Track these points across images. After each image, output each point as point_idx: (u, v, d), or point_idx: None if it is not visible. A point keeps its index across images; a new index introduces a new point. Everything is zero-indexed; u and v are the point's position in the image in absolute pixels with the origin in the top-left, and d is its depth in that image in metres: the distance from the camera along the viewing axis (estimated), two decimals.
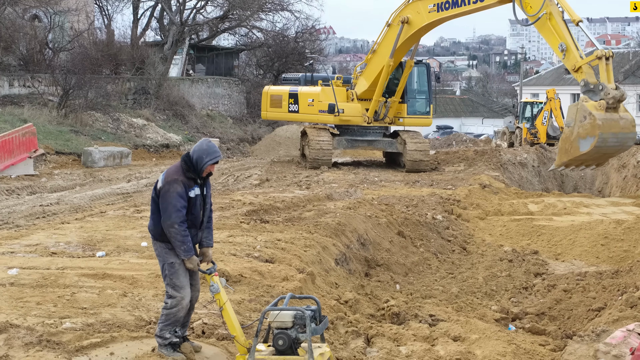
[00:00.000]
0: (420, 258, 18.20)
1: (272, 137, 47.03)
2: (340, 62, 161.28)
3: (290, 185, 26.48)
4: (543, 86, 76.14)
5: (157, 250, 9.09)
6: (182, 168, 8.89)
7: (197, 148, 8.98)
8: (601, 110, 24.63)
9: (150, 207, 9.15)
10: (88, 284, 11.82)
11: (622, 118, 25.09)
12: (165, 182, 8.83)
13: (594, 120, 24.20)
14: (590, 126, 24.50)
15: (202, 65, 60.21)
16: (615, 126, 25.02)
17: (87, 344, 9.08)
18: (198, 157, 8.89)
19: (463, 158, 35.91)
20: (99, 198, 23.32)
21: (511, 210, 23.40)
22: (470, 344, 11.30)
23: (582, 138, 24.57)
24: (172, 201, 8.70)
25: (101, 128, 39.69)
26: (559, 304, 14.24)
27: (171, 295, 8.92)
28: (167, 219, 8.72)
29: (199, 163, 8.88)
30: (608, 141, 24.43)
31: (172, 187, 8.75)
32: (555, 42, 26.30)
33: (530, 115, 50.23)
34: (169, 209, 8.71)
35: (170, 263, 8.92)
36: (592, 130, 24.51)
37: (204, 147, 8.97)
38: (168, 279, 8.96)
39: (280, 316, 8.97)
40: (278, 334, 8.99)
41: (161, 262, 9.04)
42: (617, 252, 18.72)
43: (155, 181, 9.09)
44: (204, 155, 8.89)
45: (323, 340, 9.44)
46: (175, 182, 8.78)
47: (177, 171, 8.89)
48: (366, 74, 33.44)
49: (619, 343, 6.96)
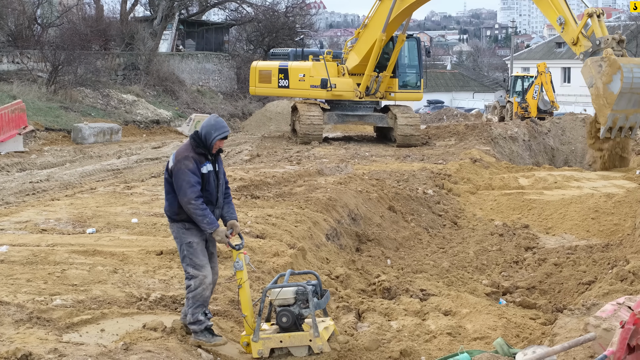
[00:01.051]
0: (411, 233, 18.20)
1: (262, 113, 46.93)
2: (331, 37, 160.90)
3: (281, 161, 26.45)
4: (534, 60, 76.09)
5: (174, 232, 9.01)
6: (192, 145, 8.85)
7: (205, 124, 8.92)
8: (611, 55, 24.76)
9: (164, 189, 9.07)
10: (78, 261, 11.79)
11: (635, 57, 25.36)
12: (176, 160, 8.78)
13: (610, 59, 24.30)
14: (610, 66, 24.61)
15: (192, 40, 59.93)
16: (632, 60, 25.17)
17: (77, 321, 9.07)
18: (207, 132, 8.83)
19: (454, 132, 35.91)
20: (89, 174, 23.26)
21: (502, 184, 23.40)
22: (461, 318, 11.33)
23: (609, 82, 24.66)
24: (186, 177, 8.66)
25: (91, 104, 39.53)
26: (549, 278, 14.26)
27: (193, 275, 8.82)
28: (184, 196, 8.66)
29: (208, 138, 8.83)
30: (634, 71, 24.54)
31: (183, 164, 8.71)
32: (553, 16, 26.36)
33: (521, 90, 50.21)
34: (184, 185, 8.66)
35: (188, 242, 8.84)
36: (614, 68, 24.61)
37: (212, 122, 8.91)
38: (187, 259, 8.86)
39: (282, 293, 8.99)
40: (281, 311, 9.01)
41: (179, 244, 8.95)
42: (607, 226, 18.75)
43: (167, 162, 9.03)
44: (213, 130, 8.82)
45: (326, 314, 9.48)
46: (186, 159, 8.74)
47: (187, 149, 8.86)
48: (357, 48, 33.37)
49: (609, 316, 6.96)
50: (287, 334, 9.02)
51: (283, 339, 9.00)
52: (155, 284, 11.03)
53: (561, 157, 36.50)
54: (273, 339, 8.99)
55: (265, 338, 8.98)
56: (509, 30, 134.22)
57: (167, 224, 14.42)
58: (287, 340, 9.01)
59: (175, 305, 10.18)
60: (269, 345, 8.98)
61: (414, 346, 9.82)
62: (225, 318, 10.06)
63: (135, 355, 7.78)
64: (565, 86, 76.88)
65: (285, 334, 9.02)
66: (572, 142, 36.90)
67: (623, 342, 6.11)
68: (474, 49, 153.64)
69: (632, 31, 79.32)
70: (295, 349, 9.05)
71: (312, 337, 9.00)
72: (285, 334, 9.02)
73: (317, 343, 9.00)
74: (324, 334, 9.04)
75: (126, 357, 7.78)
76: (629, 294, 9.98)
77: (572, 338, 7.67)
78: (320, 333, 8.97)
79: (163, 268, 11.80)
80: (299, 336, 9.03)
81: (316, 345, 9.00)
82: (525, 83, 50.48)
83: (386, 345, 9.58)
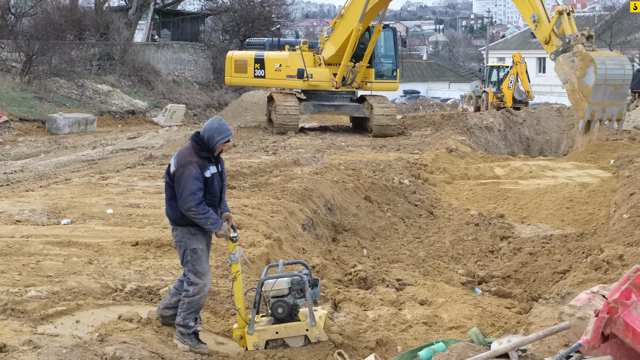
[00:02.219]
0: (387, 223, 18.23)
1: (238, 103, 46.81)
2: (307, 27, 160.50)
3: (257, 151, 26.41)
4: (509, 50, 76.38)
5: (177, 236, 8.85)
6: (195, 149, 8.69)
7: (208, 127, 8.75)
8: (583, 50, 25.01)
9: (165, 194, 8.94)
10: (53, 252, 11.74)
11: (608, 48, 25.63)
12: (179, 165, 8.62)
13: (582, 54, 24.53)
14: (582, 60, 24.86)
15: (168, 30, 59.64)
16: (603, 53, 25.44)
17: (52, 312, 9.03)
18: (209, 136, 8.68)
19: (430, 122, 35.96)
20: (63, 165, 23.13)
21: (477, 174, 23.48)
22: (436, 308, 11.37)
23: (583, 76, 24.91)
24: (188, 184, 8.51)
25: (65, 94, 39.28)
26: (524, 267, 14.33)
27: (193, 282, 8.73)
28: (184, 203, 8.54)
29: (211, 142, 8.69)
30: (606, 63, 24.80)
31: (186, 169, 8.55)
32: (527, 13, 26.56)
33: (497, 80, 50.40)
34: (185, 192, 8.52)
35: (193, 249, 8.74)
36: (586, 62, 24.86)
37: (215, 125, 8.74)
38: (190, 265, 8.76)
39: (277, 284, 8.95)
40: (276, 302, 8.97)
41: (182, 248, 8.81)
42: (582, 215, 18.85)
43: (167, 165, 8.88)
44: (216, 134, 8.68)
45: (316, 303, 9.44)
46: (189, 164, 8.58)
47: (190, 152, 8.68)
48: (334, 38, 33.34)
49: (583, 305, 6.99)
50: (283, 325, 8.98)
51: (279, 330, 8.96)
52: (130, 274, 11.00)
53: (536, 146, 36.66)
54: (269, 331, 8.95)
55: (261, 330, 8.94)
56: (485, 21, 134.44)
57: (143, 215, 14.48)
58: (284, 331, 8.97)
59: (151, 297, 10.15)
60: (265, 337, 8.94)
61: (390, 336, 9.84)
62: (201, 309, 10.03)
63: (111, 347, 7.75)
64: (541, 76, 77.18)
65: (281, 325, 8.98)
66: (547, 132, 37.06)
67: (597, 331, 6.14)
68: (450, 39, 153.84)
69: (606, 21, 79.77)
70: (291, 339, 9.02)
71: (308, 327, 8.97)
72: (281, 325, 8.98)
73: (314, 332, 8.98)
74: (319, 322, 9.04)
75: (101, 349, 7.75)
76: (603, 282, 10.03)
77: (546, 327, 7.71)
78: (317, 322, 8.97)
79: (138, 259, 11.77)
80: (295, 326, 8.99)
81: (313, 335, 8.99)
82: (500, 73, 50.67)
83: (362, 335, 9.59)
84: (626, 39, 73.87)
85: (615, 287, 6.28)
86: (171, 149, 27.16)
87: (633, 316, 6.08)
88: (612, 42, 73.66)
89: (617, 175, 21.82)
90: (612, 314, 6.13)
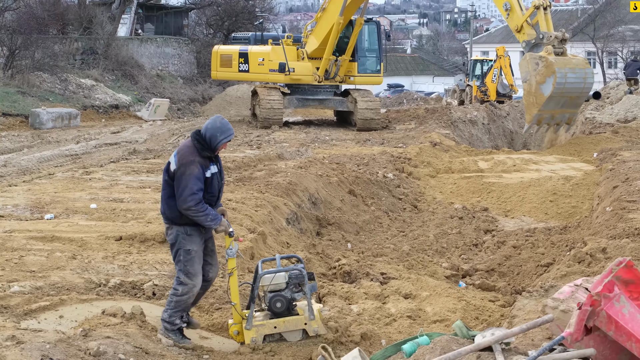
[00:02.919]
0: (372, 216, 18.24)
1: (222, 97, 46.74)
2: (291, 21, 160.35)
3: (241, 145, 26.38)
4: (493, 44, 76.41)
5: (172, 234, 8.71)
6: (197, 148, 8.58)
7: (210, 126, 8.65)
8: (550, 54, 25.08)
9: (162, 191, 8.80)
10: (36, 247, 11.70)
11: (573, 57, 25.58)
12: (180, 163, 8.50)
13: (547, 61, 24.61)
14: (545, 67, 24.91)
15: (151, 24, 59.43)
16: (569, 63, 25.50)
17: (35, 308, 9.00)
18: (212, 135, 8.59)
19: (414, 116, 36.00)
20: (47, 160, 23.03)
21: (461, 167, 23.52)
22: (421, 301, 11.38)
23: (542, 83, 25.02)
24: (189, 184, 8.40)
25: (49, 89, 39.10)
26: (508, 260, 14.37)
27: (183, 282, 8.65)
28: (183, 202, 8.42)
29: (213, 141, 8.60)
30: (568, 76, 24.91)
31: (188, 169, 8.45)
32: (500, 1, 26.60)
33: (481, 73, 50.46)
34: (185, 192, 8.40)
35: (187, 250, 8.65)
36: (548, 70, 24.91)
37: (217, 124, 8.64)
38: (182, 265, 8.67)
39: (275, 279, 8.94)
40: (274, 297, 8.95)
41: (176, 247, 8.70)
42: (565, 208, 18.92)
43: (167, 163, 8.73)
44: (218, 134, 8.59)
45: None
46: (191, 163, 8.48)
47: (191, 152, 8.57)
48: (316, 32, 33.33)
49: (566, 298, 7.01)
50: (281, 320, 8.96)
51: (277, 324, 8.95)
52: (114, 269, 10.98)
53: (520, 140, 36.76)
54: (267, 325, 8.94)
55: (259, 325, 8.92)
56: (468, 14, 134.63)
57: (127, 209, 14.45)
58: (282, 326, 8.96)
59: (135, 291, 10.14)
60: (263, 332, 8.92)
61: (374, 329, 9.85)
62: None
63: (95, 342, 7.73)
64: None
65: (280, 320, 8.96)
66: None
67: (580, 324, 6.16)
68: (434, 32, 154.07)
69: (589, 15, 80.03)
70: (289, 333, 9.02)
71: (307, 321, 8.97)
72: (279, 320, 8.96)
73: (313, 326, 9.00)
74: (318, 316, 9.04)
75: (85, 344, 7.72)
76: (586, 275, 10.07)
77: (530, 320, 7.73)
78: (315, 315, 8.97)
79: (122, 254, 11.75)
80: (293, 320, 8.99)
81: (312, 328, 9.00)
82: (484, 67, 50.72)
83: (347, 329, 9.59)
84: (609, 32, 74.14)
85: (598, 280, 6.30)
86: (155, 144, 27.10)
87: (616, 309, 6.11)
88: (595, 35, 73.94)
89: (600, 168, 21.90)
90: (595, 306, 6.15)
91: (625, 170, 19.46)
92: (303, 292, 9.06)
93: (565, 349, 6.30)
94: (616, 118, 33.34)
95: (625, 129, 29.91)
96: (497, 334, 6.59)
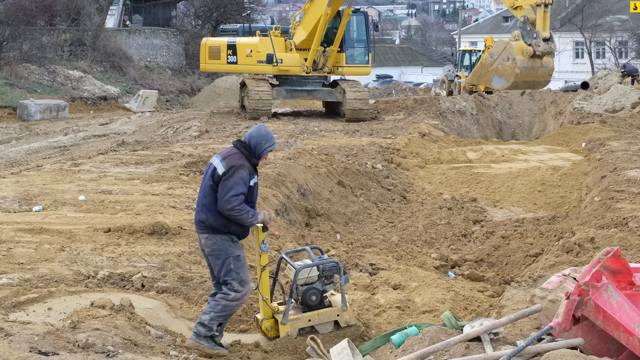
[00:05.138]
0: (361, 207, 18.25)
1: (211, 89, 46.65)
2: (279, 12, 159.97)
3: (230, 137, 26.33)
4: (481, 34, 76.41)
5: (216, 244, 8.53)
6: (245, 155, 8.54)
7: (254, 134, 8.63)
8: (526, 56, 25.02)
9: (202, 199, 8.56)
10: (25, 239, 11.67)
11: (542, 66, 25.43)
12: (229, 166, 8.40)
13: (514, 67, 24.54)
14: (509, 70, 24.84)
15: (139, 16, 59.29)
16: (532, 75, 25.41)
17: (24, 300, 8.98)
18: (257, 143, 8.58)
19: (402, 107, 35.99)
20: (35, 152, 22.97)
21: (450, 158, 23.55)
22: (410, 292, 11.40)
23: (498, 76, 24.95)
24: (235, 186, 8.32)
25: (37, 80, 39.00)
26: (497, 251, 14.40)
27: (237, 289, 8.50)
28: (227, 203, 8.30)
29: (258, 149, 8.59)
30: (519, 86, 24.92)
31: (237, 172, 8.37)
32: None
33: (469, 64, 50.39)
34: (230, 192, 8.30)
35: (237, 256, 8.55)
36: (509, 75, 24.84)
37: (262, 132, 8.63)
38: (234, 274, 8.50)
39: (312, 272, 8.99)
40: (308, 290, 9.00)
41: (222, 257, 8.51)
42: (553, 198, 18.98)
43: (210, 169, 8.55)
44: (263, 142, 8.59)
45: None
46: (242, 167, 8.43)
47: (240, 157, 8.51)
48: (304, 23, 33.25)
49: (555, 288, 7.04)
50: (315, 312, 9.04)
51: (312, 317, 9.02)
52: (103, 261, 10.95)
53: (508, 130, 36.79)
54: (302, 319, 8.99)
55: (294, 319, 8.96)
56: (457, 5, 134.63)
57: (115, 201, 14.41)
58: (316, 318, 9.03)
59: (124, 283, 10.12)
60: (298, 326, 8.97)
61: (363, 320, 9.85)
62: (174, 295, 10.02)
63: (83, 334, 7.72)
64: None
65: (314, 312, 9.04)
66: (519, 116, 37.19)
67: (568, 313, 6.19)
68: (422, 23, 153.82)
69: (577, 5, 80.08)
70: (321, 325, 9.09)
71: (339, 312, 9.07)
72: (313, 313, 9.04)
73: (345, 317, 9.10)
74: (349, 307, 9.16)
75: (74, 336, 7.71)
76: (575, 265, 10.11)
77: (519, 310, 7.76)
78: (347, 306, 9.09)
79: (111, 245, 11.72)
80: (327, 312, 9.08)
81: (344, 319, 9.10)
82: (473, 57, 50.67)
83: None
84: (597, 22, 74.22)
85: (586, 270, 6.32)
86: (143, 135, 27.04)
87: (604, 298, 6.13)
88: (583, 25, 74.01)
89: (589, 158, 21.97)
90: (583, 296, 6.18)
91: (613, 160, 19.52)
92: (333, 283, 9.16)
93: (554, 339, 6.32)
94: (604, 108, 33.42)
95: (614, 119, 29.99)
96: (486, 324, 6.61)
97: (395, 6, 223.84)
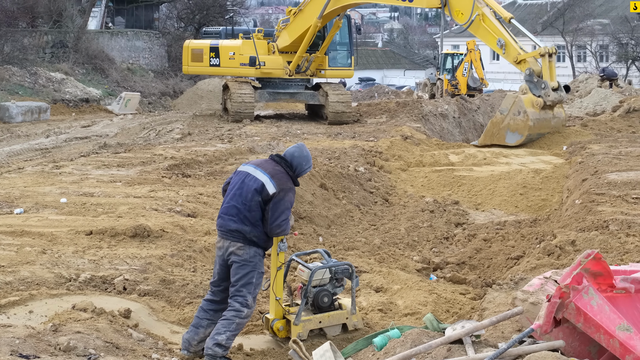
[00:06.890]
0: (343, 210, 18.25)
1: (194, 91, 46.60)
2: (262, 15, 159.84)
3: (213, 139, 26.31)
4: (463, 38, 76.40)
5: (248, 254, 8.41)
6: (290, 175, 8.55)
7: (297, 154, 8.62)
8: (537, 108, 25.01)
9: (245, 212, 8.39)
10: (6, 242, 11.62)
11: (555, 117, 25.51)
12: (280, 188, 8.34)
13: (526, 120, 24.64)
14: (522, 124, 24.97)
15: (122, 17, 59.14)
16: (545, 126, 25.54)
17: (5, 303, 8.95)
18: (298, 164, 8.59)
19: (385, 110, 36.02)
20: (16, 154, 22.87)
21: (432, 161, 23.59)
22: (392, 295, 11.42)
23: (511, 131, 25.13)
24: (286, 210, 8.35)
25: (18, 82, 38.83)
26: (479, 253, 14.44)
27: (250, 305, 8.42)
28: (277, 227, 8.31)
29: (299, 170, 8.60)
30: (533, 138, 25.10)
31: (287, 195, 8.39)
32: (492, 40, 26.20)
33: (451, 67, 50.59)
34: (281, 217, 8.31)
35: (261, 272, 8.54)
36: (522, 129, 25.03)
37: (304, 153, 8.65)
38: (252, 288, 8.43)
39: (325, 274, 9.03)
40: (320, 292, 9.05)
41: (249, 269, 8.42)
42: (535, 201, 19.03)
43: (255, 184, 8.42)
44: (304, 162, 8.62)
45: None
46: (291, 190, 8.46)
47: (288, 178, 8.51)
48: (290, 29, 33.25)
49: (536, 290, 7.06)
50: (326, 314, 9.11)
51: (322, 319, 9.07)
52: (84, 264, 10.92)
53: None
54: (313, 321, 9.04)
55: (306, 320, 8.99)
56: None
57: (97, 204, 14.37)
58: (327, 320, 9.09)
59: (106, 286, 10.10)
60: (309, 327, 9.01)
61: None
62: (156, 298, 10.00)
63: (65, 337, 7.70)
64: (495, 63, 77.59)
65: (325, 314, 9.10)
66: None
67: (549, 316, 6.21)
68: (405, 26, 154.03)
69: (559, 9, 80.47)
70: (330, 328, 9.16)
71: (348, 315, 9.16)
72: (324, 314, 9.10)
73: (353, 320, 9.20)
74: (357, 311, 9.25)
75: (55, 339, 7.69)
76: (556, 268, 10.14)
77: (500, 312, 7.78)
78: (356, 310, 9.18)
79: (93, 248, 11.69)
80: (337, 315, 9.16)
81: (352, 322, 9.19)
82: (455, 60, 50.87)
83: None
84: (578, 26, 74.62)
85: (567, 272, 6.35)
86: (126, 138, 26.97)
87: (584, 301, 6.16)
88: (564, 29, 74.34)
89: (570, 161, 22.04)
90: (564, 299, 6.20)
91: (594, 163, 19.60)
92: (342, 286, 9.26)
93: (535, 341, 6.35)
94: (585, 111, 33.62)
95: (594, 122, 30.13)
96: (468, 326, 6.63)
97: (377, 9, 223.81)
